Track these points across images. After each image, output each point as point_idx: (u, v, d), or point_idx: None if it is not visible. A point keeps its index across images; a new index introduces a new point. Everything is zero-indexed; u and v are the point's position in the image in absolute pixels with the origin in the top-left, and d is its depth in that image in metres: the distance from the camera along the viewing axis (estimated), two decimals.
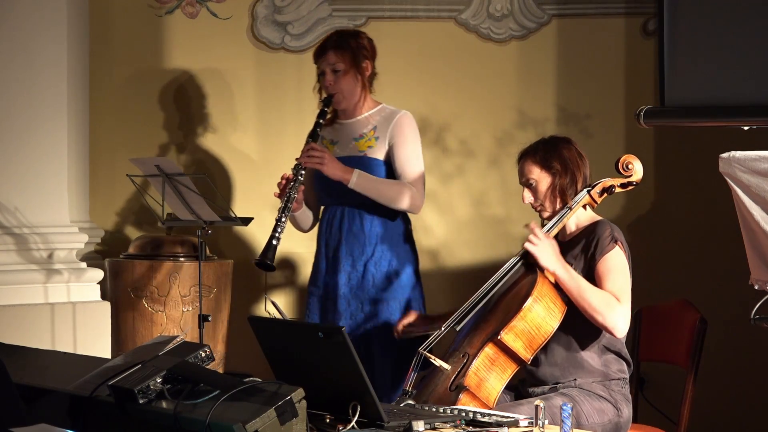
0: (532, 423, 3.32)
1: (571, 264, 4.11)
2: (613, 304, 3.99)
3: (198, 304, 5.16)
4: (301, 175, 4.76)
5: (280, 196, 4.79)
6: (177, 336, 3.46)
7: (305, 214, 5.00)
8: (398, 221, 4.91)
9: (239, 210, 5.50)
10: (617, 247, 4.07)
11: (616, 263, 4.06)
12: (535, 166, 4.21)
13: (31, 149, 5.44)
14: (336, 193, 4.86)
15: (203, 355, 3.26)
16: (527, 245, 4.11)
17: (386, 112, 4.92)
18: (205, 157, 6.05)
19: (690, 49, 4.72)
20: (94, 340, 5.43)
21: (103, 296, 5.60)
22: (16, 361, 3.56)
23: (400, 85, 5.98)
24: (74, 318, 5.41)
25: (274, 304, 4.26)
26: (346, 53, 4.85)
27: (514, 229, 5.91)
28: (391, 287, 4.86)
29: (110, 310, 5.51)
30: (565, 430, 3.15)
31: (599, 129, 5.99)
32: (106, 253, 5.93)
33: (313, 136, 4.83)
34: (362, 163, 4.84)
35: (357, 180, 4.76)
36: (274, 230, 4.70)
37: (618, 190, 4.24)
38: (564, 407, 3.18)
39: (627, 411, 4.13)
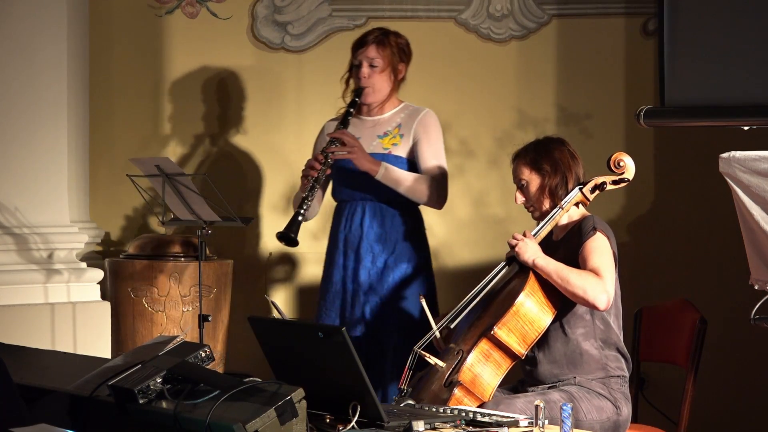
0: (532, 423, 3.32)
1: (560, 261, 4.13)
2: (591, 278, 4.02)
3: (198, 304, 5.16)
4: (331, 159, 4.80)
5: (305, 176, 4.80)
6: (177, 336, 3.46)
7: (314, 212, 5.02)
8: (417, 218, 4.95)
9: (239, 210, 5.50)
10: (599, 233, 4.10)
11: (596, 245, 4.10)
12: (526, 167, 4.26)
13: (31, 149, 5.44)
14: (359, 187, 4.87)
15: (203, 355, 3.26)
16: (510, 244, 4.17)
17: (410, 109, 4.97)
18: (205, 157, 6.05)
19: (690, 49, 4.72)
20: (94, 340, 5.43)
21: (103, 296, 5.60)
22: (17, 361, 3.55)
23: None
24: (74, 318, 5.42)
25: (273, 304, 4.26)
26: (386, 51, 4.90)
27: (513, 228, 5.88)
28: (411, 283, 4.87)
29: (110, 310, 5.51)
30: (565, 430, 3.15)
31: (599, 129, 5.99)
32: (106, 253, 5.93)
33: (344, 123, 4.86)
34: (386, 161, 4.85)
35: (384, 172, 4.80)
36: (300, 206, 4.75)
37: (610, 186, 4.27)
38: (564, 407, 3.18)
39: (626, 409, 4.14)
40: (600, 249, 4.10)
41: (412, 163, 4.90)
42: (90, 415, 3.30)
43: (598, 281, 4.02)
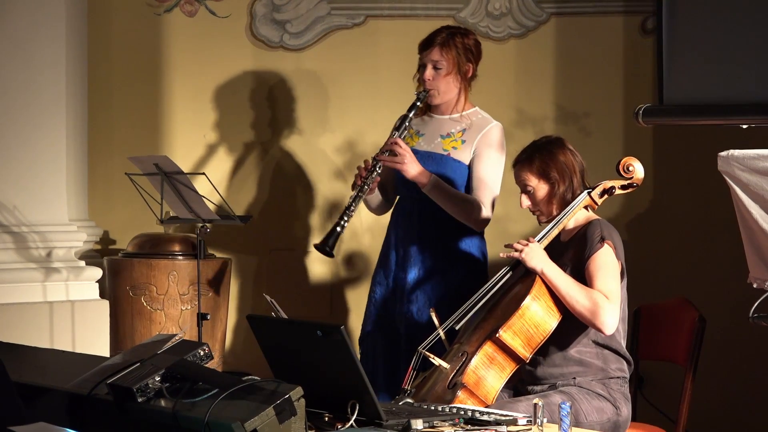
0: (530, 421, 3.32)
1: (566, 265, 4.11)
2: (601, 302, 3.99)
3: (197, 303, 5.16)
4: (380, 167, 4.70)
5: (354, 185, 4.73)
6: (176, 334, 3.46)
7: (375, 199, 4.90)
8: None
9: (238, 208, 5.50)
10: (606, 246, 4.06)
11: (604, 262, 4.05)
12: (533, 175, 4.20)
13: (30, 148, 5.44)
14: (415, 186, 4.76)
15: (202, 353, 3.26)
16: (514, 254, 4.13)
17: (478, 117, 4.85)
18: (204, 156, 6.05)
19: (689, 48, 4.72)
20: (93, 338, 5.43)
21: (102, 295, 5.60)
22: (15, 360, 3.55)
23: (399, 83, 5.97)
24: (73, 316, 5.42)
25: (272, 303, 4.25)
26: (450, 53, 4.77)
27: (513, 227, 5.91)
28: (461, 287, 4.71)
29: (109, 309, 5.51)
30: (564, 428, 3.16)
31: (598, 127, 5.99)
32: (104, 251, 5.93)
33: (399, 128, 4.77)
34: (444, 162, 4.77)
35: (431, 188, 4.68)
36: (341, 218, 4.66)
37: (618, 191, 4.23)
38: (563, 406, 3.18)
39: (626, 410, 4.13)
40: (607, 266, 4.05)
41: (470, 171, 4.79)
42: (88, 414, 3.30)
43: (607, 306, 3.98)
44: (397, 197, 4.93)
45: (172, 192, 4.96)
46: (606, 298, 3.99)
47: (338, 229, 4.65)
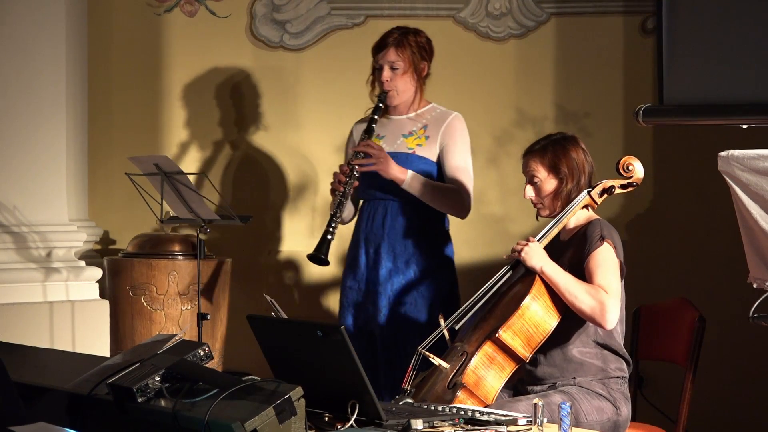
0: (530, 421, 3.32)
1: (565, 264, 4.11)
2: (601, 297, 3.99)
3: (197, 303, 5.16)
4: (357, 172, 4.76)
5: (333, 191, 4.78)
6: (176, 334, 3.46)
7: (349, 211, 4.98)
8: (438, 218, 4.91)
9: (239, 208, 5.50)
10: (606, 244, 4.06)
11: (604, 258, 4.05)
12: (543, 167, 4.20)
13: (30, 148, 5.44)
14: (381, 188, 4.84)
15: (202, 353, 3.26)
16: (515, 254, 4.14)
17: (437, 111, 4.93)
18: (204, 156, 6.05)
19: (688, 48, 4.72)
20: (93, 338, 5.43)
21: (102, 295, 5.60)
22: (15, 360, 3.55)
23: None
24: (73, 316, 5.42)
25: (272, 303, 4.25)
26: (406, 52, 4.85)
27: (512, 227, 5.91)
28: (431, 284, 4.86)
29: (109, 309, 5.51)
30: (564, 428, 3.16)
31: (598, 127, 5.99)
32: (104, 251, 5.93)
33: (368, 132, 4.82)
34: (410, 161, 4.82)
35: (411, 181, 4.76)
36: (329, 225, 4.72)
37: (618, 191, 4.23)
38: (563, 405, 3.18)
39: (626, 409, 4.13)
40: (607, 263, 4.06)
41: (439, 166, 4.87)
42: (88, 414, 3.30)
43: (607, 301, 3.98)
44: (360, 201, 4.99)
45: (172, 192, 4.96)
46: (606, 293, 4.00)
47: (328, 237, 4.73)
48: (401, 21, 5.94)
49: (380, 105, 4.84)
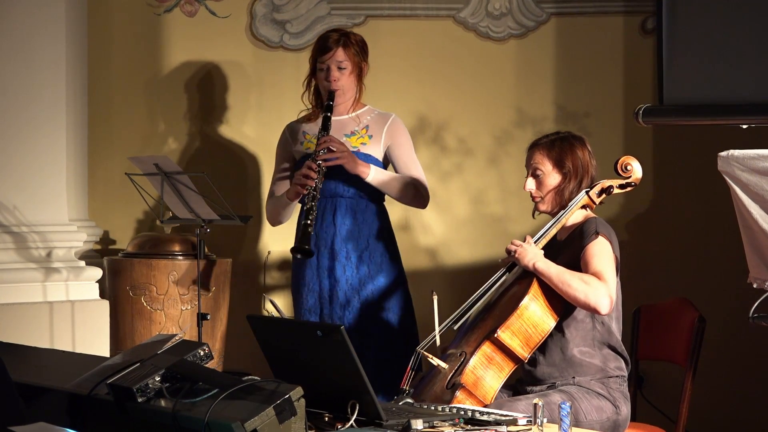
0: (530, 421, 3.32)
1: (563, 263, 4.11)
2: (593, 282, 3.99)
3: (197, 303, 5.16)
4: (323, 167, 4.82)
5: (303, 186, 4.82)
6: (176, 334, 3.46)
7: (290, 208, 5.05)
8: (384, 214, 5.02)
9: (238, 208, 5.50)
10: (600, 238, 4.08)
11: (599, 250, 4.07)
12: (548, 160, 4.21)
13: (30, 148, 5.44)
14: (330, 186, 4.91)
15: (202, 353, 3.26)
16: (508, 250, 4.16)
17: (376, 113, 5.05)
18: (204, 156, 6.05)
19: (688, 48, 4.73)
20: (93, 338, 5.43)
21: (102, 295, 5.60)
22: (15, 360, 3.55)
23: (399, 83, 5.98)
24: (73, 316, 5.41)
25: (272, 302, 4.26)
26: (351, 51, 4.96)
27: (512, 227, 5.91)
28: (387, 278, 4.92)
29: (109, 309, 5.51)
30: (564, 428, 3.16)
31: (598, 127, 5.99)
32: (104, 251, 5.93)
33: (325, 128, 4.88)
34: (358, 158, 4.90)
35: (375, 174, 4.88)
36: (307, 218, 4.76)
37: (617, 191, 4.23)
38: (563, 405, 3.18)
39: (625, 409, 4.14)
40: (601, 253, 4.07)
41: (384, 165, 4.99)
42: (89, 414, 3.30)
43: (600, 285, 4.00)
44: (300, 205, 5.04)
45: (172, 192, 4.96)
46: (599, 278, 4.00)
47: (309, 229, 4.77)
48: (401, 21, 5.94)
49: (331, 103, 4.92)
